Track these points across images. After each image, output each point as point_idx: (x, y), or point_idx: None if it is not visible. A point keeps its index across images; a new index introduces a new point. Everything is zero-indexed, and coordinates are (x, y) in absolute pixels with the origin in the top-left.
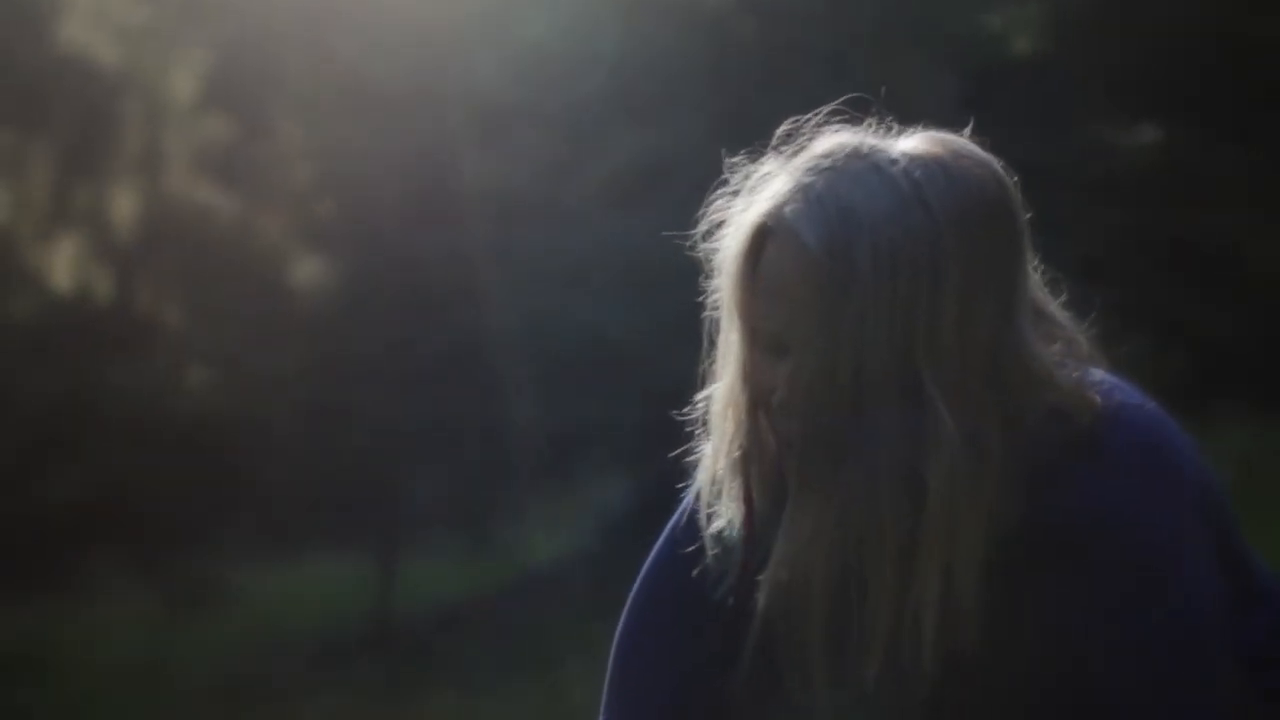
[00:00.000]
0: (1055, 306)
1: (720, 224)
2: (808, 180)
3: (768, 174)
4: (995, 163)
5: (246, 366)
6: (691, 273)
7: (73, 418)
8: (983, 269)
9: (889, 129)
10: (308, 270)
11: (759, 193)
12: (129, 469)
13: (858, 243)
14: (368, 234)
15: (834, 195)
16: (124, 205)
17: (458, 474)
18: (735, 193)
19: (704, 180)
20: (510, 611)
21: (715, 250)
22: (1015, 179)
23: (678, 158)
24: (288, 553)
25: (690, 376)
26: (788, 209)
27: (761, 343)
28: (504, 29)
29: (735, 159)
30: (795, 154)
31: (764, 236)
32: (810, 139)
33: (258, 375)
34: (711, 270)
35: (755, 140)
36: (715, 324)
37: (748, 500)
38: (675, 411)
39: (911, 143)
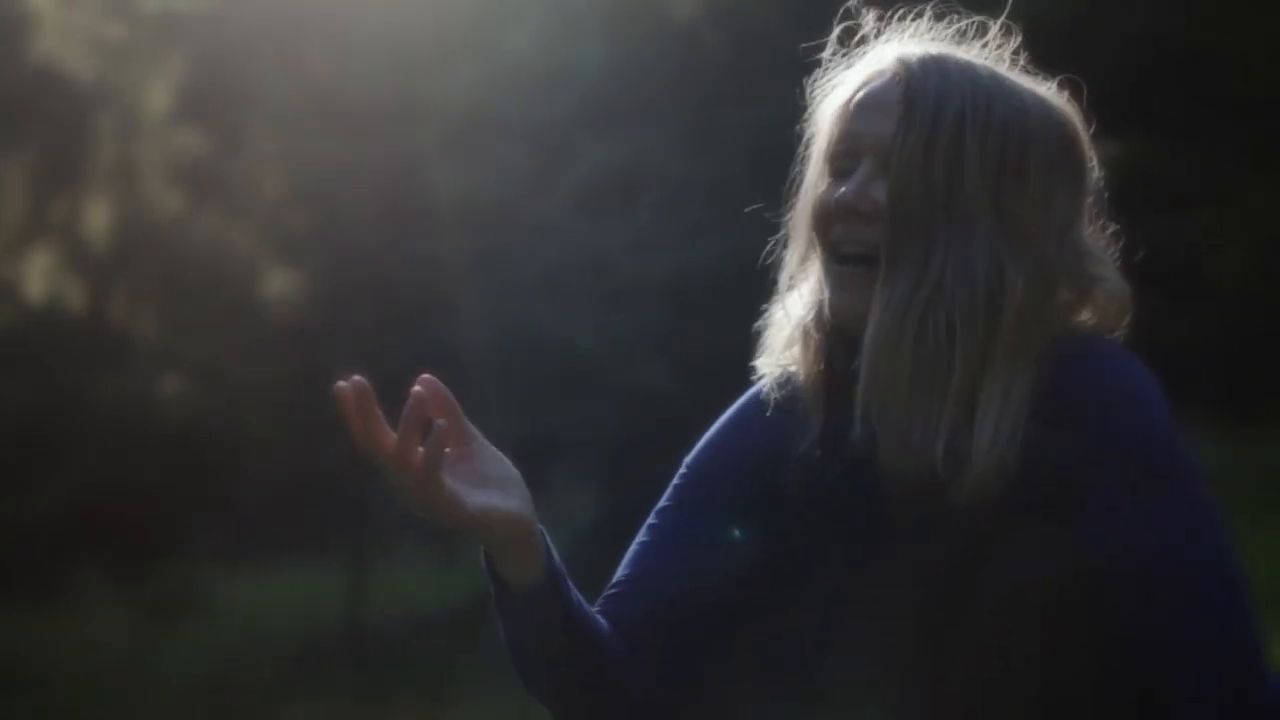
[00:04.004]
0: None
1: (821, 96)
2: (911, 50)
3: (871, 54)
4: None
5: (221, 378)
6: (665, 285)
7: (48, 429)
8: (1058, 168)
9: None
10: (281, 282)
11: (863, 62)
12: (104, 480)
13: (958, 84)
14: (341, 246)
15: (938, 59)
16: (98, 218)
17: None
18: (844, 66)
19: (676, 192)
20: (484, 621)
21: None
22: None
23: (650, 170)
24: (263, 562)
25: (663, 387)
26: (892, 59)
27: (844, 168)
28: (478, 42)
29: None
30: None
31: (866, 83)
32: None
33: (232, 386)
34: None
35: (727, 152)
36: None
37: (824, 357)
38: (647, 422)
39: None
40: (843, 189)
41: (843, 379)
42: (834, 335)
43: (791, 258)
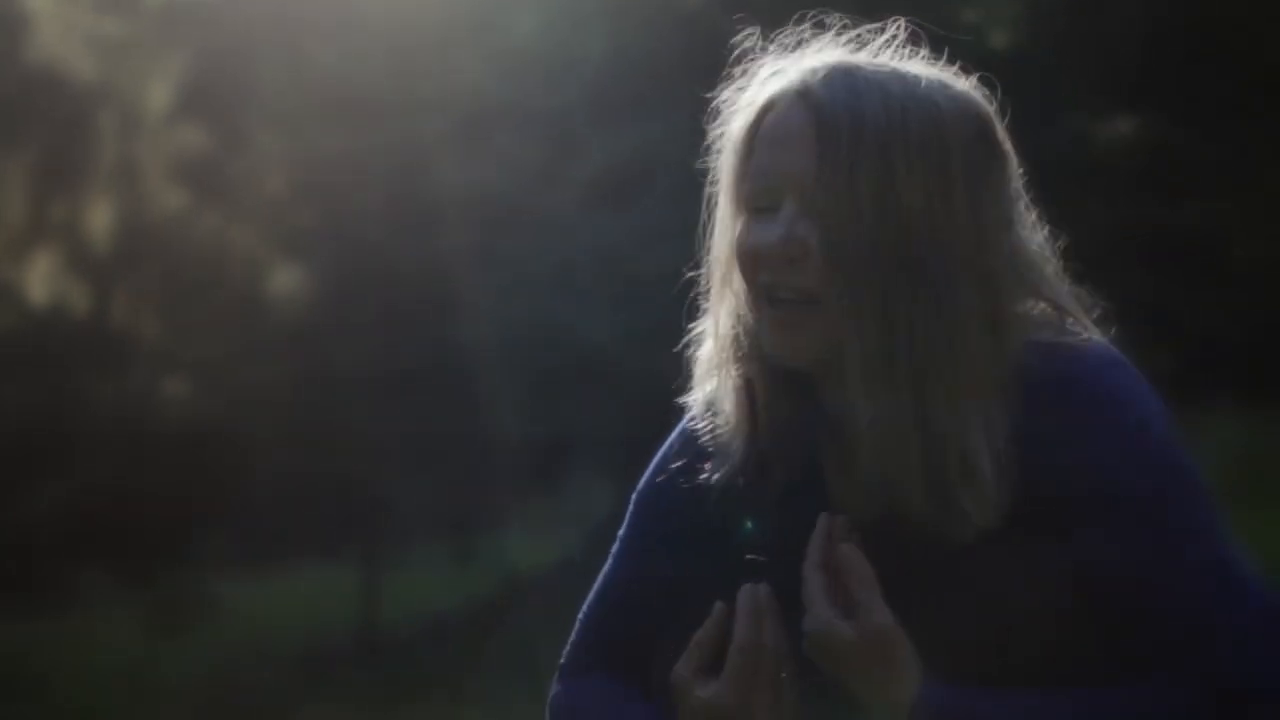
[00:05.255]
0: (1054, 271)
1: (720, 124)
2: (810, 66)
3: (769, 73)
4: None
5: (226, 378)
6: (674, 276)
7: (53, 431)
8: (981, 167)
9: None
10: (286, 280)
11: (761, 83)
12: (110, 482)
13: (870, 100)
14: (346, 242)
15: (841, 74)
16: (100, 218)
17: (442, 484)
18: (739, 89)
19: (686, 182)
20: (496, 620)
21: (719, 139)
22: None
23: (660, 161)
24: (273, 564)
25: (675, 380)
26: (795, 81)
27: (761, 207)
28: (483, 33)
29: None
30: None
31: (770, 108)
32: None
33: (238, 386)
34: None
35: None
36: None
37: (748, 389)
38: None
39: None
40: (767, 235)
41: (773, 406)
42: (756, 360)
43: (711, 286)
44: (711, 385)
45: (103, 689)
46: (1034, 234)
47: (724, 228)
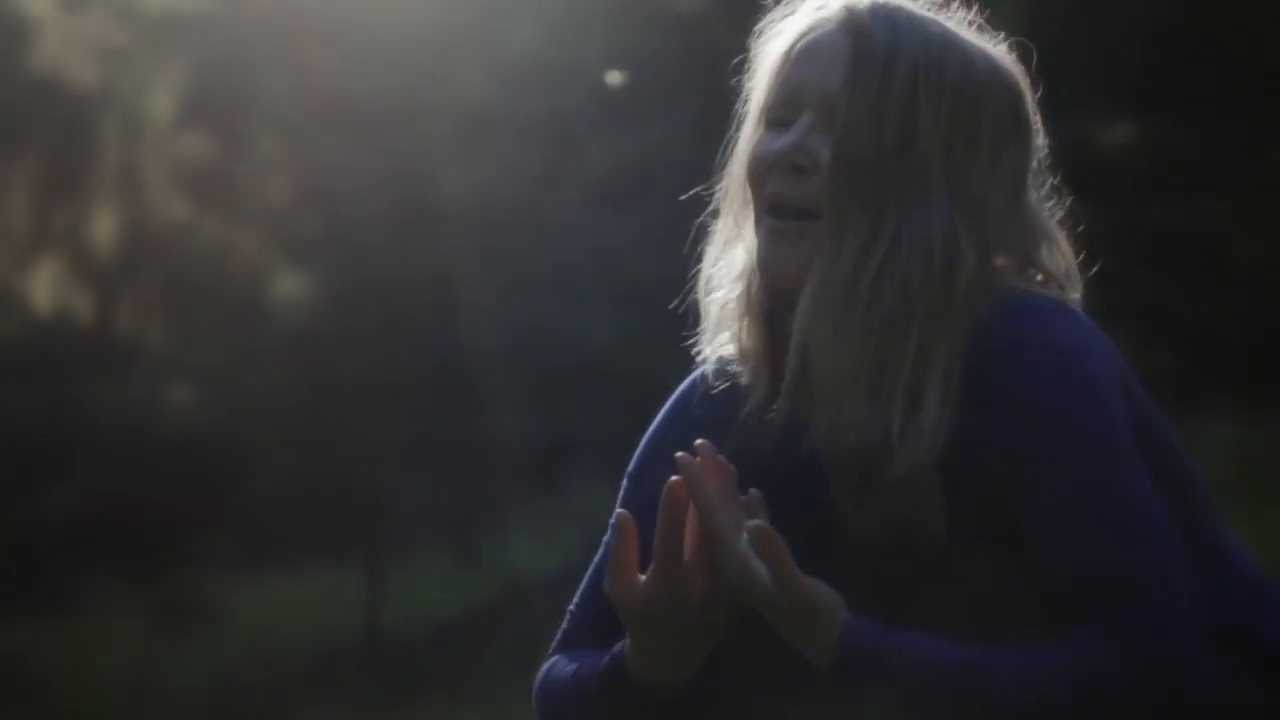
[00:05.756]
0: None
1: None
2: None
3: (813, 4)
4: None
5: (230, 383)
6: (676, 279)
7: (57, 438)
8: (1006, 135)
9: None
10: (289, 286)
11: (804, 10)
12: (114, 487)
13: (910, 38)
14: (349, 248)
15: (886, 9)
16: (103, 225)
17: (445, 487)
18: (782, 15)
19: (688, 186)
20: (500, 623)
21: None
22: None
23: (660, 163)
24: (277, 568)
25: (676, 383)
26: (838, 8)
27: (783, 119)
28: (484, 39)
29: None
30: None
31: (808, 32)
32: None
33: (242, 392)
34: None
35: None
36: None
37: (763, 323)
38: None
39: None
40: (779, 143)
41: (782, 346)
42: (771, 300)
43: (724, 221)
44: (722, 330)
45: (105, 693)
46: (1043, 211)
47: (744, 144)
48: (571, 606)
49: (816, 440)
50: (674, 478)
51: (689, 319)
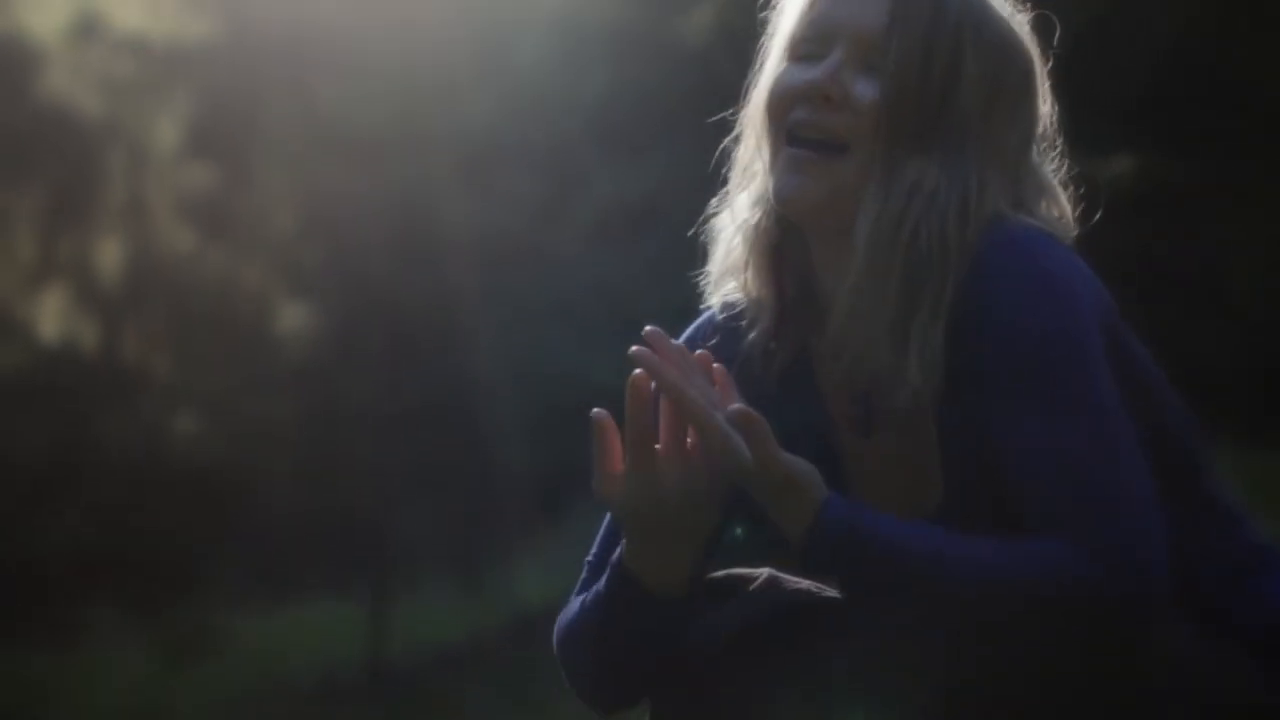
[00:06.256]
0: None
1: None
2: None
3: None
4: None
5: (235, 413)
6: (678, 312)
7: (63, 468)
8: (1023, 95)
9: None
10: (293, 316)
11: None
12: (119, 518)
13: None
14: (353, 279)
15: None
16: (109, 255)
17: (448, 517)
18: None
19: (690, 219)
20: (504, 652)
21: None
22: None
23: (664, 197)
24: (281, 598)
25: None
26: None
27: (811, 54)
28: (489, 72)
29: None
30: None
31: None
32: None
33: (247, 421)
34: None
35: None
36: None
37: (775, 259)
38: None
39: None
40: (808, 74)
41: (789, 279)
42: (781, 232)
43: (742, 151)
44: (734, 266)
45: None
46: (1046, 168)
47: (767, 77)
48: (589, 557)
49: (825, 374)
50: (635, 372)
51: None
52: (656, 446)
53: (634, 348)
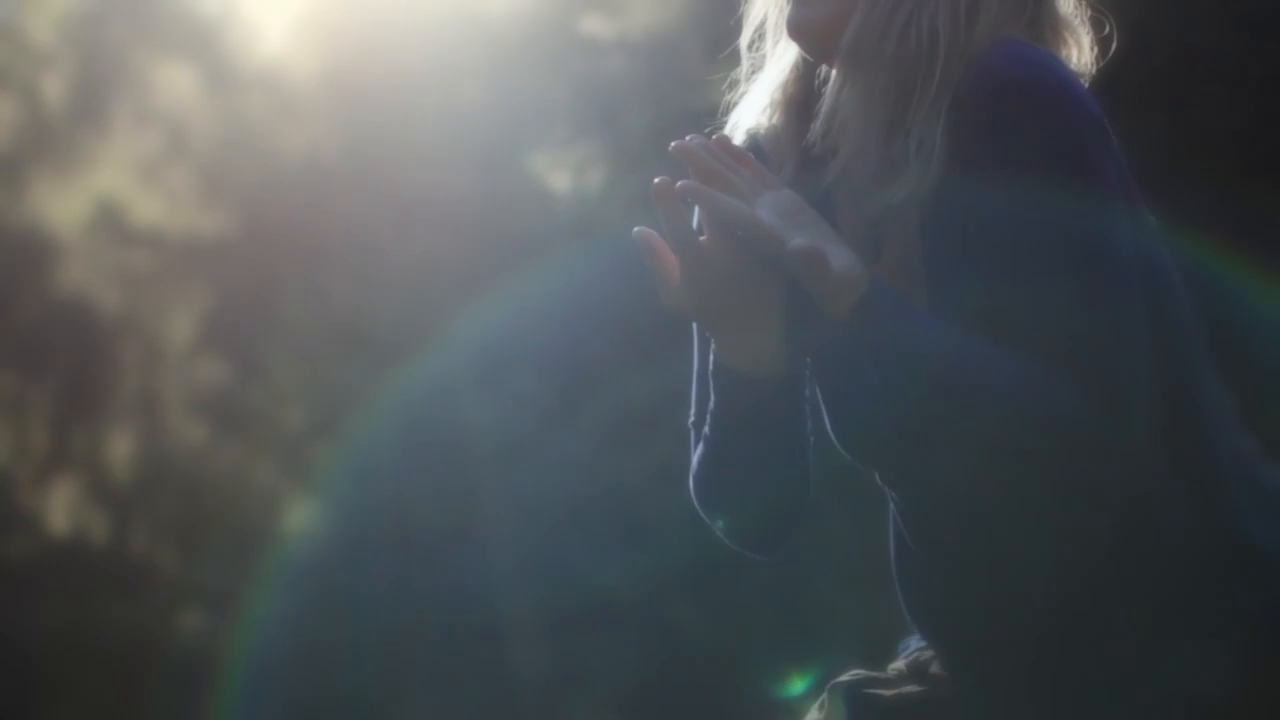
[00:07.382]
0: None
1: None
2: None
3: None
4: None
5: (241, 609)
6: (686, 519)
7: (70, 658)
8: None
9: None
10: (302, 514)
11: None
12: (125, 709)
13: None
14: (362, 477)
15: None
16: (121, 448)
17: (455, 716)
18: None
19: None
20: None
21: None
22: None
23: (674, 402)
24: None
25: (688, 625)
26: None
27: None
28: (503, 271)
29: None
30: None
31: None
32: None
33: (253, 616)
34: None
35: None
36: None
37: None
38: (671, 660)
39: None
40: None
41: (814, 98)
42: (805, 88)
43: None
44: (760, 103)
45: None
46: (1069, 5)
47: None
48: (690, 420)
49: (845, 212)
50: (655, 180)
51: (701, 559)
52: (702, 239)
53: (673, 144)
